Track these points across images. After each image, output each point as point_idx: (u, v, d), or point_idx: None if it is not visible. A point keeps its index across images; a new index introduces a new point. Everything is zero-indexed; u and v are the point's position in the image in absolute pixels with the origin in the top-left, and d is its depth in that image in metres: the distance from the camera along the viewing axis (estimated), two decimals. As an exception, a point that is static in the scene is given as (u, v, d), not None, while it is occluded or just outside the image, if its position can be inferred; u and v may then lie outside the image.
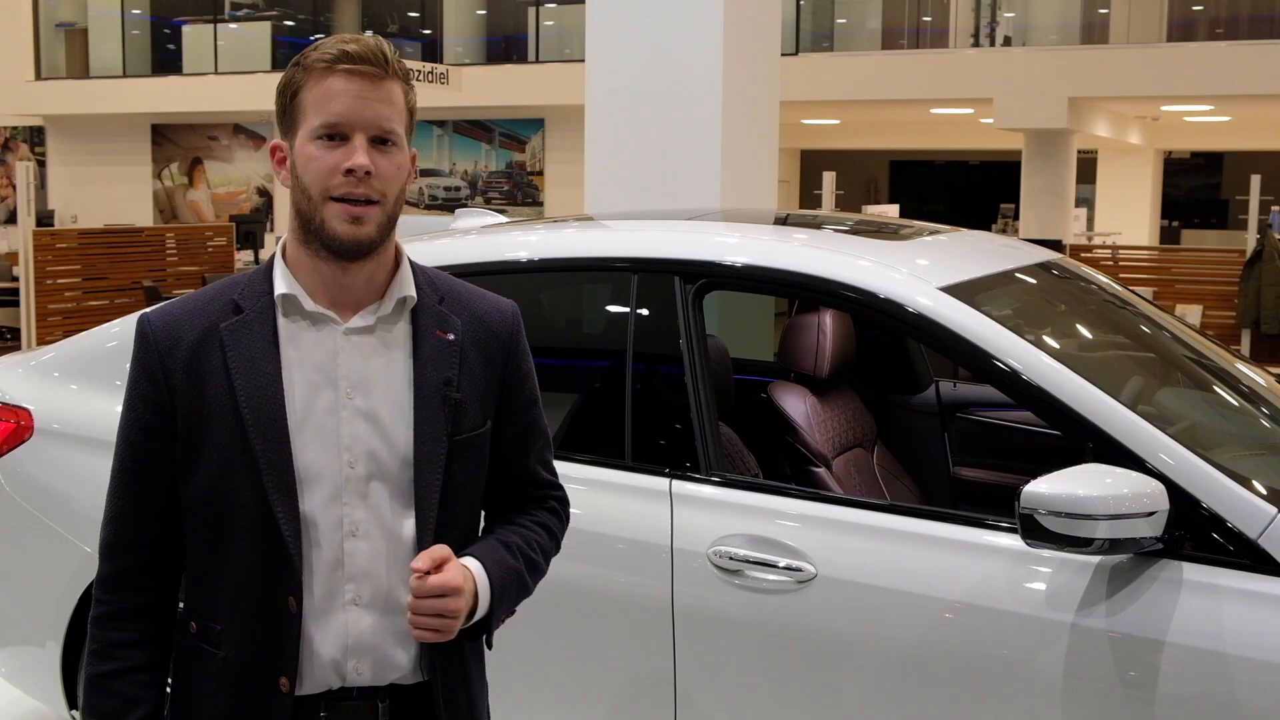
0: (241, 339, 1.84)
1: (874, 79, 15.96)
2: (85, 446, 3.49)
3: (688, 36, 5.39)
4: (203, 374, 1.84)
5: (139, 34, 22.13)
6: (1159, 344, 3.44)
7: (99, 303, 13.23)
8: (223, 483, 1.83)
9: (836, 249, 3.16)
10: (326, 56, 1.80)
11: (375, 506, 1.86)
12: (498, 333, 1.97)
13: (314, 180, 1.80)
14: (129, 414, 1.89)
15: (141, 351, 1.88)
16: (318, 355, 1.86)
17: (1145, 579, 2.50)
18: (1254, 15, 16.52)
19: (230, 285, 1.90)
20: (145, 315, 1.90)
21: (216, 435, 1.83)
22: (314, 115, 1.80)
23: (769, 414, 3.64)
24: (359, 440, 1.85)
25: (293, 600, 1.83)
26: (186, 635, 1.90)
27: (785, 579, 2.76)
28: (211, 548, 1.86)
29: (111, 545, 1.90)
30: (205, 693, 1.87)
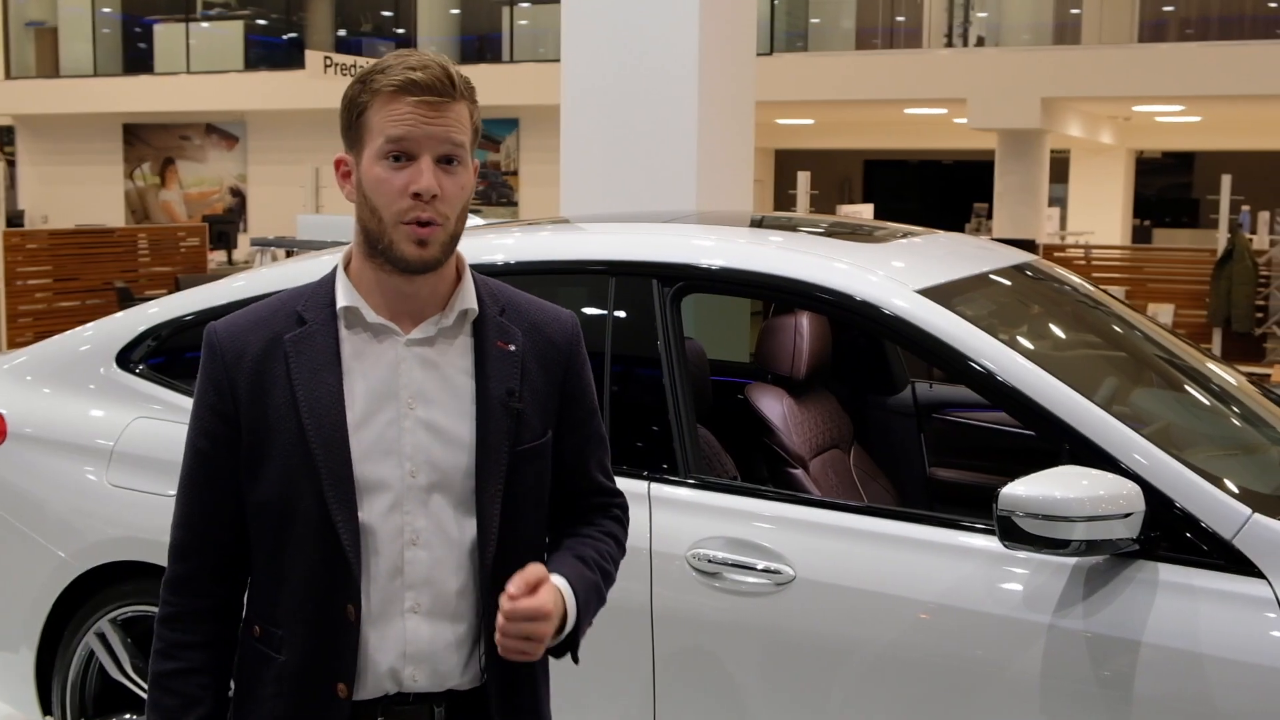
0: (305, 350, 1.88)
1: (848, 79, 16.01)
2: (59, 451, 3.47)
3: (664, 36, 5.39)
4: (267, 385, 1.88)
5: (110, 33, 22.01)
6: (1132, 345, 3.46)
7: (70, 304, 13.15)
8: (285, 492, 1.87)
9: (814, 251, 3.17)
10: (394, 82, 1.81)
11: (436, 515, 1.89)
12: (558, 343, 2.00)
13: (385, 204, 1.83)
14: (196, 422, 1.93)
15: (209, 361, 1.92)
16: (380, 367, 1.89)
17: (1121, 580, 2.51)
18: (1224, 16, 16.64)
19: (295, 296, 1.94)
20: (213, 325, 1.94)
21: (279, 445, 1.86)
22: (380, 135, 1.82)
23: (746, 416, 3.64)
24: (420, 450, 1.88)
25: (351, 608, 1.86)
26: (250, 639, 1.95)
27: (764, 581, 2.76)
28: (274, 555, 1.90)
29: (179, 549, 1.94)
30: (265, 695, 1.91)
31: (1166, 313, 11.82)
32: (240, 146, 21.03)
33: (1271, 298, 11.97)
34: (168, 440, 3.32)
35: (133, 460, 3.34)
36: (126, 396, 3.45)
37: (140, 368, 3.49)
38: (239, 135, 21.02)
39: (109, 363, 3.51)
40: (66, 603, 3.41)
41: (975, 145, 18.67)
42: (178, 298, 3.57)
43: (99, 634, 3.38)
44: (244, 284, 3.49)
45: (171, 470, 3.22)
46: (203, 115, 20.92)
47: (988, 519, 2.60)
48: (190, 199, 21.32)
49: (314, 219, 10.37)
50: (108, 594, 3.37)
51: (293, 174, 18.72)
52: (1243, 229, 12.47)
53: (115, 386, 3.48)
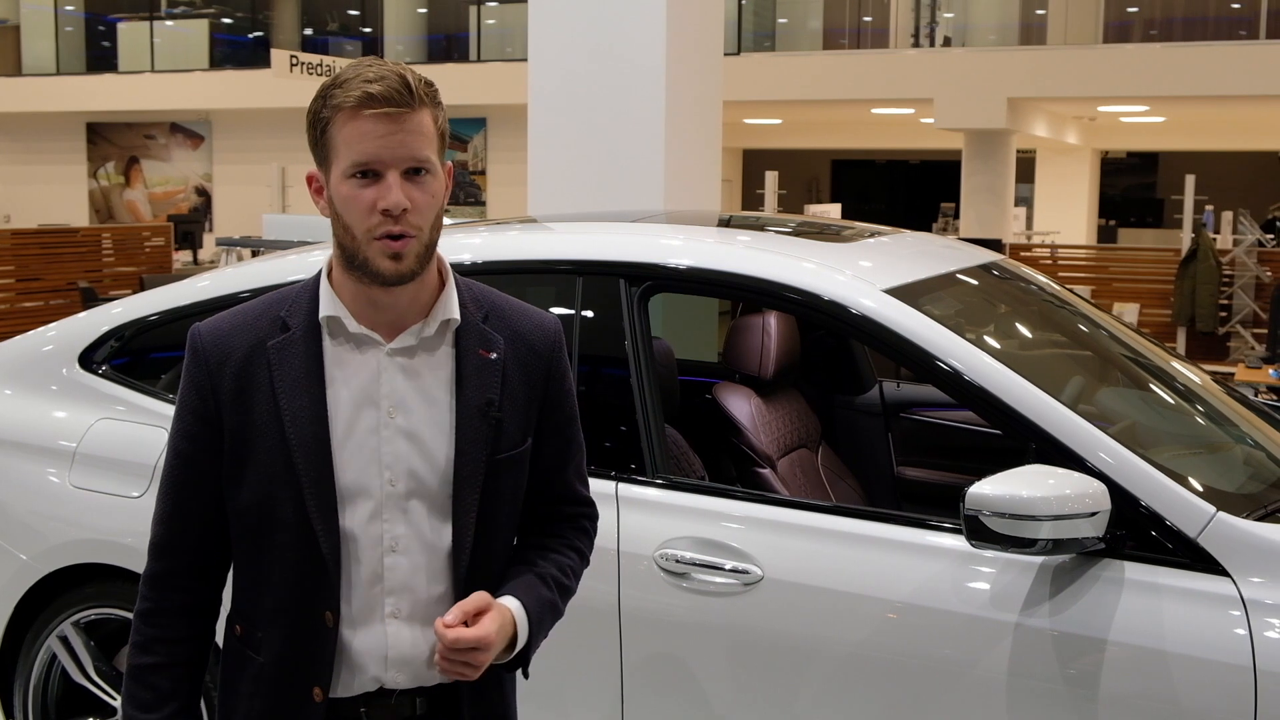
0: (287, 358, 1.88)
1: (816, 79, 16.05)
2: (20, 452, 3.43)
3: (631, 35, 5.38)
4: (250, 390, 1.88)
5: (73, 31, 21.82)
6: (1098, 344, 3.47)
7: (34, 304, 13.03)
8: (266, 498, 1.88)
9: (781, 251, 3.16)
10: (351, 98, 1.80)
11: (415, 523, 1.91)
12: (539, 350, 2.00)
13: (356, 221, 1.83)
14: (178, 423, 1.94)
15: (192, 364, 1.92)
16: (361, 375, 1.90)
17: (1088, 578, 2.52)
18: (1188, 17, 16.76)
19: (279, 301, 1.94)
20: (197, 328, 1.94)
21: (261, 451, 1.87)
22: (344, 155, 1.82)
23: (714, 415, 3.64)
24: (400, 459, 1.89)
25: (329, 615, 1.88)
26: (232, 637, 1.98)
27: (732, 581, 2.76)
28: (254, 558, 1.93)
29: (159, 546, 1.96)
30: (244, 694, 1.95)
31: (1131, 312, 11.90)
32: (205, 146, 20.89)
33: (1235, 297, 12.07)
34: (131, 441, 3.29)
35: (96, 462, 3.31)
36: (89, 397, 3.42)
37: (103, 368, 3.46)
38: (204, 134, 20.88)
39: (71, 363, 3.48)
40: (28, 606, 3.37)
41: (942, 145, 18.74)
42: (141, 297, 3.54)
43: (61, 637, 3.34)
44: (209, 284, 3.47)
45: (135, 471, 3.23)
46: (167, 114, 20.76)
47: (955, 518, 2.60)
48: (155, 198, 21.17)
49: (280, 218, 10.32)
50: (70, 597, 3.33)
51: (258, 173, 18.60)
52: (1206, 229, 12.56)
53: (78, 387, 3.44)
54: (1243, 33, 15.89)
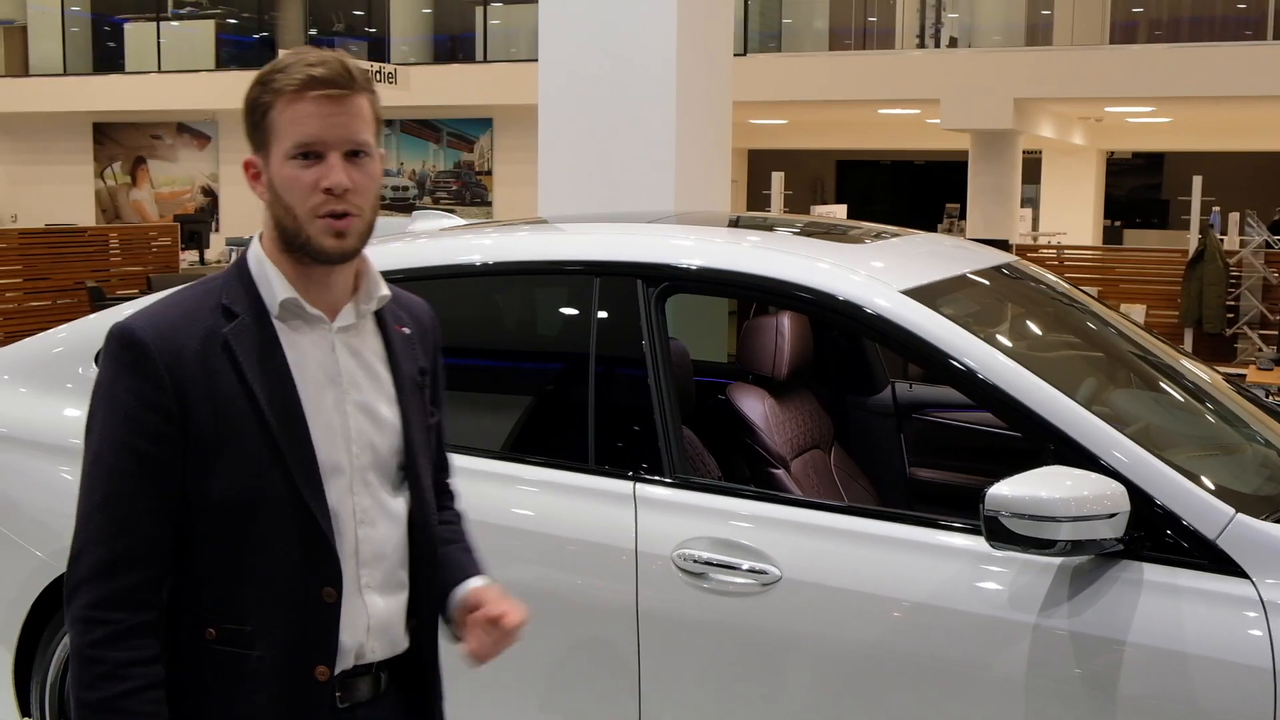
0: (246, 343, 1.89)
1: (822, 79, 16.04)
2: (36, 451, 3.44)
3: (641, 36, 5.39)
4: (213, 380, 1.86)
5: (79, 31, 21.85)
6: (1113, 345, 3.47)
7: (41, 304, 13.05)
8: (250, 484, 1.86)
9: (799, 252, 3.17)
10: (294, 81, 1.85)
11: (375, 494, 1.97)
12: (428, 327, 2.13)
13: (298, 201, 1.88)
14: (129, 424, 1.84)
15: (141, 361, 1.85)
16: (318, 355, 1.94)
17: (1106, 580, 2.52)
18: (1195, 17, 16.75)
19: (207, 291, 1.93)
20: (130, 326, 1.87)
21: (239, 439, 1.86)
22: (287, 137, 1.86)
23: (727, 416, 3.64)
24: (362, 433, 1.95)
25: (330, 590, 1.90)
26: (201, 642, 1.90)
27: (749, 581, 2.77)
28: (236, 550, 1.88)
29: (115, 562, 1.84)
30: (237, 694, 1.89)
31: (1138, 313, 11.89)
32: (212, 146, 20.91)
33: (1242, 299, 12.06)
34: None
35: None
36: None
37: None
38: (211, 134, 20.91)
39: (87, 362, 3.49)
40: (45, 603, 3.38)
41: (947, 146, 18.74)
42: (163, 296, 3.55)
43: (78, 636, 3.35)
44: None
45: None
46: (174, 114, 20.78)
47: (973, 519, 2.61)
48: (161, 198, 21.19)
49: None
50: (87, 596, 3.34)
51: (265, 173, 18.58)
52: (1214, 230, 12.55)
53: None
54: (1249, 33, 15.88)
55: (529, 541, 2.97)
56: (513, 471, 3.07)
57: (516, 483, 3.05)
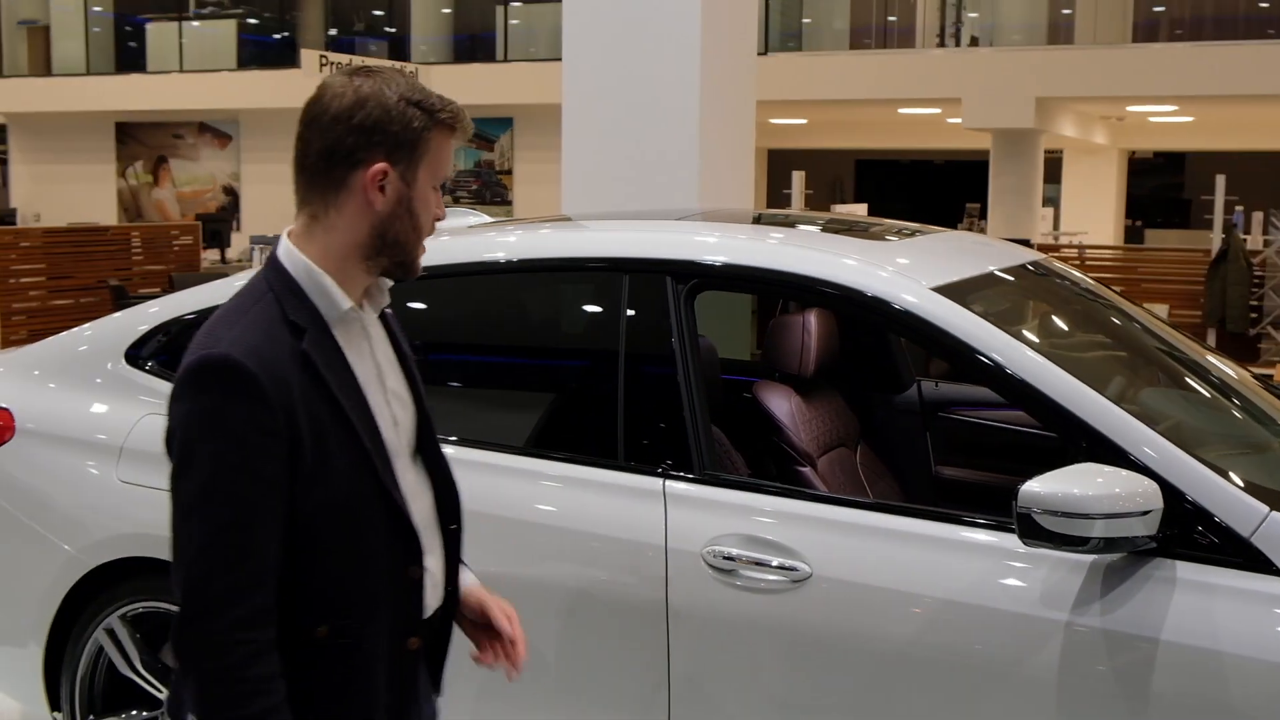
0: (321, 354, 1.96)
1: (843, 79, 16.01)
2: (67, 446, 3.46)
3: (665, 34, 5.38)
4: (305, 395, 1.92)
5: (101, 31, 21.94)
6: (1145, 343, 3.46)
7: (64, 302, 13.10)
8: (345, 486, 1.96)
9: (830, 249, 3.17)
10: (462, 126, 2.03)
11: (410, 469, 2.11)
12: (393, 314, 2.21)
13: (426, 223, 2.03)
14: (245, 450, 1.86)
15: (251, 388, 1.86)
16: (363, 352, 2.05)
17: (1139, 577, 2.51)
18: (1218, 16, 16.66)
19: (265, 305, 1.96)
20: (230, 356, 1.87)
21: (333, 447, 1.94)
22: (439, 167, 2.02)
23: (754, 414, 3.64)
24: (400, 418, 2.09)
25: (415, 569, 2.05)
26: (312, 640, 1.97)
27: (780, 578, 2.76)
28: (338, 549, 1.97)
29: (247, 584, 1.87)
30: (351, 681, 2.00)
31: (1161, 313, 11.84)
32: (233, 145, 20.98)
33: (1266, 298, 12.01)
34: (178, 437, 3.31)
35: (143, 456, 3.33)
36: (136, 392, 3.44)
37: (150, 364, 3.48)
38: (232, 134, 20.97)
39: (118, 358, 3.50)
40: (75, 598, 3.40)
41: (967, 145, 18.69)
42: (188, 294, 3.57)
43: (108, 630, 3.37)
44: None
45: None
46: (196, 114, 20.85)
47: (1003, 516, 2.61)
48: (183, 197, 21.27)
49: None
50: (117, 590, 3.36)
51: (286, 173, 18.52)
52: (1237, 229, 12.50)
53: (124, 382, 3.47)
54: (1271, 31, 15.81)
55: (557, 538, 2.97)
56: (541, 468, 3.07)
57: (545, 479, 3.06)
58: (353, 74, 1.98)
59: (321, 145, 1.96)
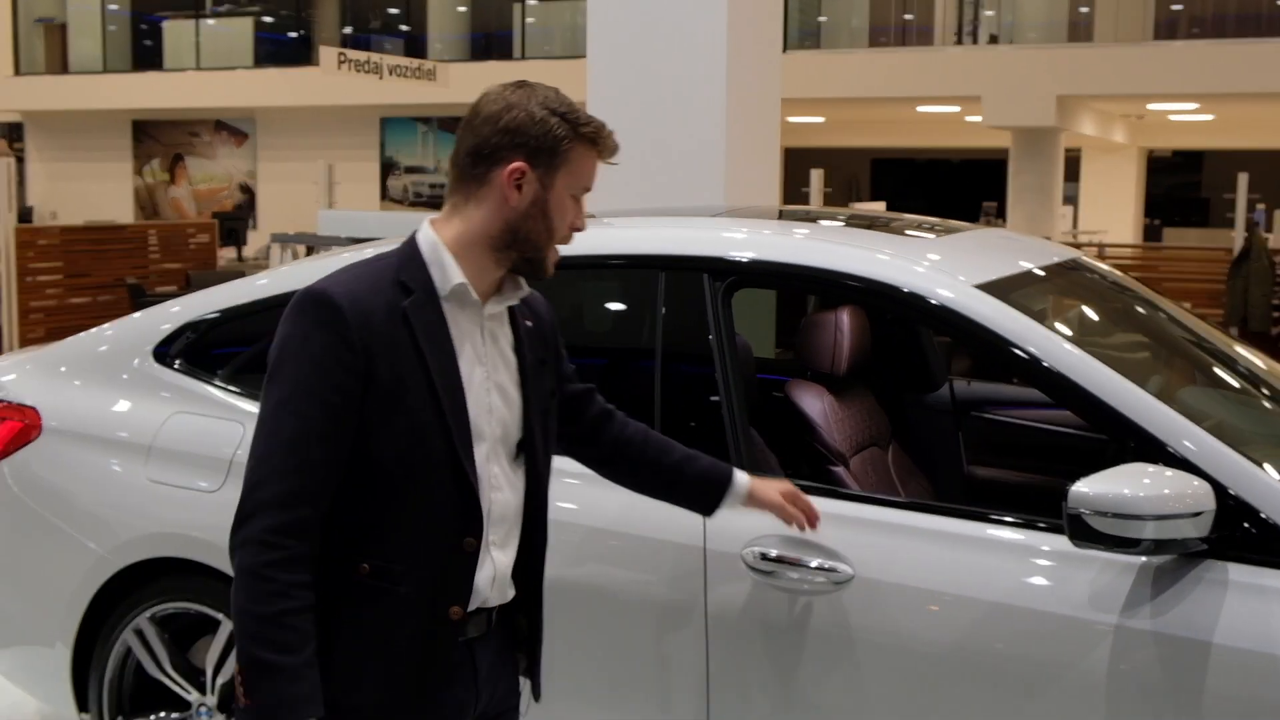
0: (421, 317, 2.11)
1: (863, 76, 15.96)
2: (95, 445, 3.43)
3: (692, 30, 5.34)
4: (395, 345, 2.08)
5: (118, 29, 21.98)
6: (1186, 341, 3.42)
7: (81, 300, 13.11)
8: (415, 440, 2.09)
9: (872, 246, 3.13)
10: (606, 143, 2.19)
11: (503, 464, 2.22)
12: (547, 320, 2.39)
13: (560, 226, 2.19)
14: (321, 376, 2.06)
15: (333, 321, 2.06)
16: (471, 335, 2.18)
17: (1190, 580, 2.47)
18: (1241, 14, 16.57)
19: (385, 267, 2.15)
20: (326, 290, 2.08)
21: (412, 400, 2.09)
22: (580, 176, 2.18)
23: (786, 413, 3.60)
24: (498, 408, 2.21)
25: (471, 540, 2.15)
26: (355, 576, 2.12)
27: (821, 580, 2.72)
28: (394, 498, 2.11)
29: (295, 494, 2.05)
30: (380, 622, 2.12)
31: (1182, 312, 11.76)
32: (250, 143, 21.00)
33: (1288, 297, 11.93)
34: (208, 435, 3.28)
35: (172, 455, 3.30)
36: (164, 391, 3.41)
37: (178, 362, 3.45)
38: (248, 132, 20.99)
39: (146, 356, 3.47)
40: (103, 599, 3.37)
41: (983, 144, 18.62)
42: (217, 291, 3.54)
43: (137, 631, 3.34)
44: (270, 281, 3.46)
45: (212, 465, 3.21)
46: (212, 112, 20.88)
47: (1048, 516, 2.56)
48: (199, 195, 21.30)
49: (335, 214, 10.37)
50: (146, 591, 3.33)
51: (303, 170, 18.66)
52: (1259, 227, 12.42)
53: (152, 381, 3.44)
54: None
55: (596, 538, 2.93)
56: (577, 468, 3.03)
57: (582, 479, 3.01)
58: (508, 85, 2.17)
59: (470, 144, 2.15)
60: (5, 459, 3.55)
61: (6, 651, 3.67)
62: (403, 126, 19.74)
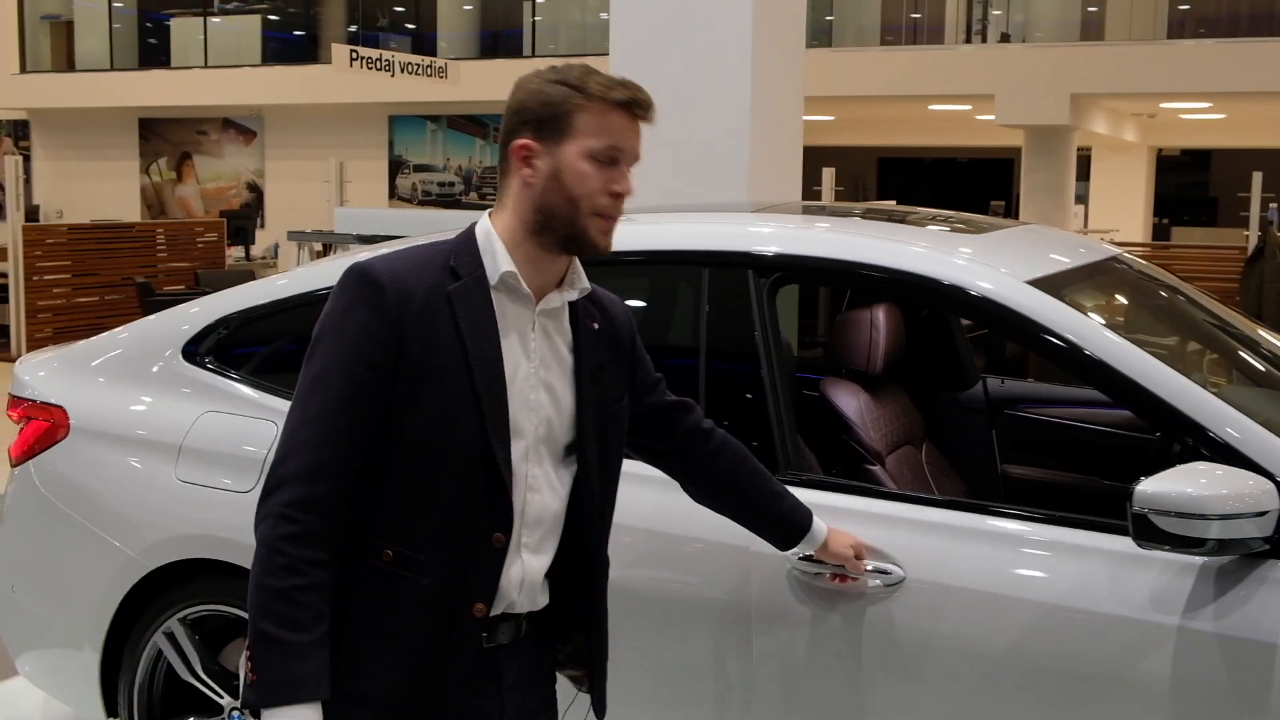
0: (466, 303, 2.06)
1: (874, 75, 15.91)
2: (124, 445, 3.39)
3: (716, 25, 5.29)
4: (434, 326, 2.04)
5: (124, 27, 21.94)
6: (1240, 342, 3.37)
7: (89, 299, 13.09)
8: (446, 425, 2.04)
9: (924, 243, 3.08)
10: (616, 96, 2.07)
11: (545, 466, 2.15)
12: (623, 324, 2.32)
13: (585, 194, 2.07)
14: (354, 351, 2.02)
15: (373, 296, 2.03)
16: (520, 328, 2.12)
17: (1253, 580, 2.42)
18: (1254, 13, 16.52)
19: (437, 251, 2.11)
20: (369, 266, 2.05)
21: (445, 383, 2.03)
22: (594, 138, 2.06)
23: (822, 411, 3.55)
24: (542, 407, 2.13)
25: (499, 536, 2.08)
26: (377, 561, 2.07)
27: (873, 582, 2.67)
28: (422, 484, 2.05)
29: (317, 469, 2.01)
30: (399, 614, 2.06)
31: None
32: (258, 141, 20.95)
33: (1302, 295, 11.87)
34: (240, 435, 3.24)
35: (203, 455, 3.25)
36: (194, 390, 3.36)
37: (208, 361, 3.40)
38: (256, 130, 20.94)
39: (176, 356, 3.42)
40: (133, 601, 3.32)
41: (991, 143, 18.58)
42: (248, 289, 3.50)
43: (168, 634, 3.29)
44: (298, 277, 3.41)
45: (244, 465, 3.16)
46: (220, 110, 20.83)
47: (1104, 516, 2.51)
48: (207, 194, 21.25)
49: (351, 212, 10.34)
50: (177, 593, 3.28)
51: (311, 169, 18.63)
52: (1273, 225, 12.36)
53: (183, 380, 3.39)
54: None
55: (642, 540, 2.88)
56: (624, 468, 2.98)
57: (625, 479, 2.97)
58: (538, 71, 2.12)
59: (501, 135, 2.13)
60: (32, 459, 3.50)
61: (33, 655, 3.62)
62: (411, 125, 19.68)
